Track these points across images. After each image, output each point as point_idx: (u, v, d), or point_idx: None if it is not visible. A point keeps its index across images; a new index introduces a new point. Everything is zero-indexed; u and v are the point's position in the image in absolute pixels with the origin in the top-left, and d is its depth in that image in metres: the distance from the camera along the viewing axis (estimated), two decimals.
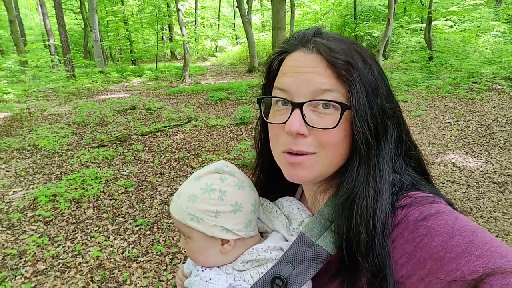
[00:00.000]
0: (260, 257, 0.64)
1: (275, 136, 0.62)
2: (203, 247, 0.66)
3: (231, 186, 0.65)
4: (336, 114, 0.55)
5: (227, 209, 0.64)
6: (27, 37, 22.96)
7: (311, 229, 0.59)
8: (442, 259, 0.45)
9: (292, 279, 0.58)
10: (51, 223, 3.45)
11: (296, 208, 0.68)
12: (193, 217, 0.64)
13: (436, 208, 0.51)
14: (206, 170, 0.67)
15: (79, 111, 8.32)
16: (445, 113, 6.77)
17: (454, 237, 0.46)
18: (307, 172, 0.58)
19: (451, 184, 3.99)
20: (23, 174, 4.81)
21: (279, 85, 0.60)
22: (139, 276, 2.62)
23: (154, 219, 3.49)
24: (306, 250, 0.58)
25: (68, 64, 14.06)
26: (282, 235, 0.67)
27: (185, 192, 0.66)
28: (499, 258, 0.42)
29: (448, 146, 5.18)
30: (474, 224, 0.49)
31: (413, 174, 0.61)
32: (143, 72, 16.15)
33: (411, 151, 0.63)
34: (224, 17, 28.80)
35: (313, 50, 0.58)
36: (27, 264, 2.79)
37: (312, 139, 0.56)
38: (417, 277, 0.47)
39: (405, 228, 0.51)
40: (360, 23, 19.20)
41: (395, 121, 0.61)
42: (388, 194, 0.55)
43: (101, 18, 20.64)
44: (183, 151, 5.61)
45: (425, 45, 12.94)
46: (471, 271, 0.42)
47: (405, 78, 10.08)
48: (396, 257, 0.51)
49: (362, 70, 0.56)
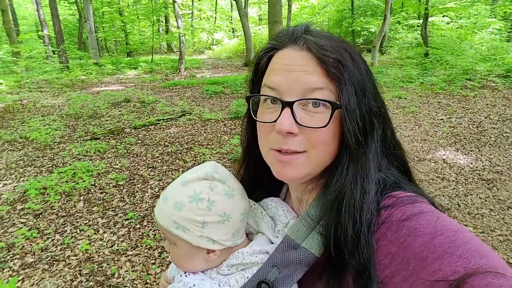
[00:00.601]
0: (245, 261, 0.62)
1: (264, 134, 0.61)
2: (188, 255, 0.64)
3: (220, 195, 0.62)
4: (326, 112, 0.55)
5: (215, 220, 0.61)
6: (20, 27, 22.61)
7: (296, 231, 0.59)
8: (425, 259, 0.45)
9: (278, 283, 0.57)
10: (41, 216, 3.44)
11: (281, 209, 0.67)
12: (179, 226, 0.61)
13: (419, 208, 0.52)
14: (195, 175, 0.63)
15: (72, 103, 8.25)
16: (438, 110, 6.81)
17: (436, 237, 0.46)
18: (297, 171, 0.58)
19: (441, 180, 4.03)
20: (13, 167, 4.78)
21: (268, 83, 0.59)
22: (127, 269, 2.63)
23: (145, 213, 3.50)
24: (292, 253, 0.58)
25: (62, 55, 13.89)
26: (267, 237, 0.66)
27: (172, 198, 0.63)
28: (479, 258, 0.43)
29: (440, 142, 5.22)
30: (455, 223, 0.49)
31: (396, 173, 0.61)
32: (139, 65, 15.99)
33: (395, 150, 0.64)
34: (221, 10, 28.55)
35: (303, 47, 0.58)
36: (15, 257, 2.79)
37: (302, 138, 0.56)
38: (400, 278, 0.47)
39: (388, 229, 0.52)
40: (358, 18, 19.13)
41: (381, 119, 0.61)
42: (373, 192, 0.56)
43: (96, 8, 20.36)
44: (176, 144, 5.60)
45: (421, 41, 12.95)
46: (453, 271, 0.42)
47: (400, 74, 10.09)
48: (379, 258, 0.51)
49: (351, 68, 0.56)
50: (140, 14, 21.92)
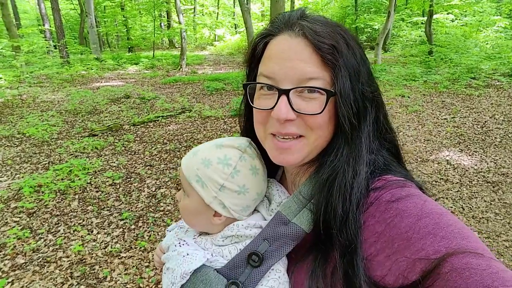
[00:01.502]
0: (239, 233, 0.64)
1: (261, 119, 0.63)
2: (196, 211, 0.66)
3: (246, 168, 0.65)
4: (321, 98, 0.57)
5: (233, 188, 0.64)
6: (22, 21, 22.51)
7: (287, 208, 0.61)
8: (410, 239, 0.47)
9: (268, 255, 0.60)
10: (34, 215, 3.37)
11: (276, 189, 0.70)
12: (199, 180, 0.65)
13: (407, 191, 0.54)
14: (231, 142, 0.67)
15: (72, 98, 8.17)
16: (442, 109, 6.68)
17: (422, 219, 0.48)
18: (295, 156, 0.60)
19: (444, 182, 3.92)
20: (9, 163, 4.71)
21: (264, 72, 0.60)
22: (120, 272, 2.55)
23: (140, 213, 3.42)
24: (282, 228, 0.60)
25: (63, 50, 13.78)
26: (262, 215, 0.69)
27: (202, 154, 0.66)
28: (461, 239, 0.45)
29: (443, 143, 5.11)
30: (441, 207, 0.51)
31: (387, 155, 0.63)
32: (140, 60, 15.88)
33: (387, 133, 0.65)
34: (224, 5, 28.33)
35: (298, 33, 0.58)
36: (5, 257, 2.72)
37: (299, 122, 0.58)
38: (384, 255, 0.49)
39: (377, 209, 0.54)
40: (361, 15, 18.93)
41: (374, 103, 0.63)
42: (364, 173, 0.58)
43: (97, 3, 20.19)
44: (174, 142, 5.52)
45: (425, 39, 12.77)
46: (435, 250, 0.44)
47: (403, 72, 9.95)
48: (366, 236, 0.53)
49: (346, 54, 0.57)
50: (142, 9, 21.74)
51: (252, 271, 0.59)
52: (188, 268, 0.61)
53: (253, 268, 0.60)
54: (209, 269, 0.62)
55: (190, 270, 0.61)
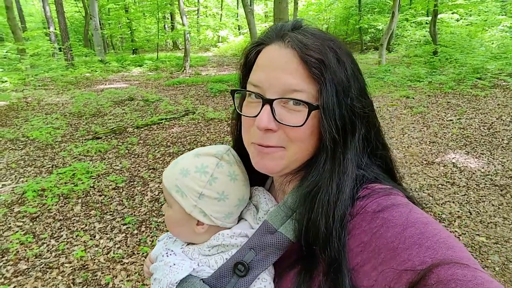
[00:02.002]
0: (225, 243, 0.64)
1: (246, 127, 0.64)
2: (180, 221, 0.67)
3: (224, 174, 0.66)
4: (305, 111, 0.57)
5: (212, 195, 0.65)
6: (28, 24, 22.66)
7: (274, 217, 0.61)
8: (395, 249, 0.47)
9: (254, 264, 0.60)
10: (37, 220, 3.37)
11: (263, 198, 0.70)
12: (179, 190, 0.66)
13: (393, 200, 0.54)
14: (208, 150, 0.68)
15: (76, 101, 8.19)
16: (447, 110, 6.61)
17: (407, 228, 0.48)
18: (275, 163, 0.60)
19: (451, 185, 3.86)
20: (14, 167, 4.72)
21: (252, 80, 0.61)
22: (122, 279, 2.53)
23: (143, 218, 3.40)
24: (269, 237, 0.60)
25: (67, 52, 13.86)
26: (249, 223, 0.69)
27: (180, 164, 0.67)
28: (446, 249, 0.45)
29: (449, 145, 5.04)
30: (427, 216, 0.51)
31: (377, 171, 0.63)
32: (144, 62, 15.94)
33: (378, 150, 0.65)
34: (227, 7, 28.36)
35: (288, 45, 0.58)
36: (8, 263, 2.71)
37: (281, 134, 0.58)
38: (371, 266, 0.49)
39: (363, 219, 0.53)
40: (365, 15, 18.84)
41: (365, 120, 0.62)
42: (349, 189, 0.57)
43: (102, 5, 20.29)
44: (178, 145, 5.50)
45: (429, 39, 12.67)
46: (421, 261, 0.44)
47: (408, 73, 9.86)
48: (352, 246, 0.53)
49: (334, 69, 0.57)
50: (145, 11, 21.81)
51: (238, 280, 0.59)
52: (174, 278, 0.61)
53: (239, 277, 0.59)
54: (195, 279, 0.62)
55: (176, 280, 0.61)
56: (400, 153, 4.85)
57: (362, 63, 14.05)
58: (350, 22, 20.96)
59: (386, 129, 5.90)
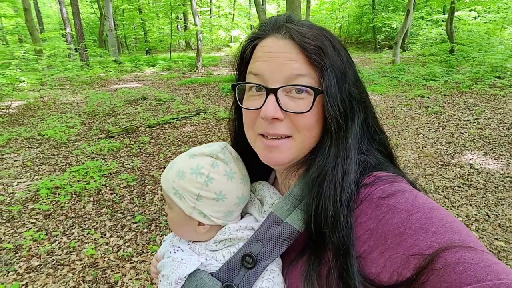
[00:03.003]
0: (232, 236, 0.64)
1: (250, 120, 0.63)
2: (181, 222, 0.67)
3: (220, 174, 0.65)
4: (309, 98, 0.58)
5: (209, 196, 0.64)
6: (45, 25, 23.24)
7: (280, 208, 0.61)
8: (402, 235, 0.47)
9: (261, 256, 0.60)
10: (50, 217, 3.41)
11: (268, 191, 0.70)
12: (176, 192, 0.65)
13: (398, 186, 0.54)
14: (203, 150, 0.67)
15: (90, 100, 8.32)
16: (464, 110, 6.42)
17: (413, 214, 0.48)
18: (284, 155, 0.60)
19: (468, 188, 3.74)
20: (29, 164, 4.82)
21: (253, 70, 0.61)
22: (131, 277, 2.53)
23: (153, 216, 3.41)
24: (275, 228, 0.60)
25: (82, 53, 14.12)
26: (254, 217, 0.69)
27: (176, 166, 0.67)
28: (452, 233, 0.45)
29: (466, 145, 4.89)
30: (432, 201, 0.51)
31: (378, 156, 0.64)
32: (157, 62, 16.11)
33: (376, 135, 0.66)
34: (240, 7, 28.38)
35: (285, 35, 0.60)
36: (21, 259, 2.75)
37: (287, 123, 0.59)
38: (378, 252, 0.49)
39: (368, 206, 0.54)
40: (379, 14, 18.54)
41: (362, 105, 0.64)
42: (353, 173, 0.58)
43: (116, 6, 20.63)
44: (189, 144, 5.51)
45: (446, 37, 12.37)
46: (428, 246, 0.44)
47: (423, 72, 9.65)
48: (359, 233, 0.53)
49: (331, 55, 0.58)
50: (159, 12, 22.04)
51: (247, 273, 0.60)
52: (182, 273, 0.61)
53: (248, 270, 0.60)
54: (204, 273, 0.62)
55: (184, 275, 0.61)
56: (415, 154, 4.73)
57: (375, 62, 13.84)
58: (363, 20, 20.70)
59: (400, 129, 5.77)
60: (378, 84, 8.97)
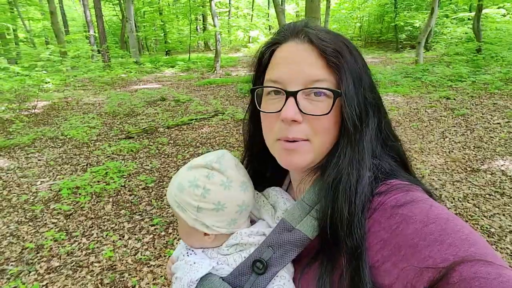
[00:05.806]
0: (243, 241, 0.65)
1: (269, 124, 0.64)
2: (188, 232, 0.69)
3: (216, 184, 0.65)
4: (327, 101, 0.58)
5: (209, 207, 0.64)
6: (70, 28, 23.93)
7: (291, 214, 0.61)
8: (416, 246, 0.46)
9: (272, 262, 0.60)
10: (71, 217, 3.45)
11: (281, 197, 0.70)
12: (178, 206, 0.67)
13: (412, 196, 0.53)
14: (199, 162, 0.67)
15: (111, 101, 8.47)
16: (493, 112, 6.11)
17: (428, 225, 0.47)
18: (303, 158, 0.60)
19: (500, 196, 3.52)
20: (52, 164, 4.92)
21: (272, 77, 0.62)
22: (148, 282, 2.51)
23: (171, 219, 3.39)
24: (286, 235, 0.60)
25: (104, 54, 14.44)
26: (267, 222, 0.69)
27: (177, 180, 0.68)
28: (469, 246, 0.43)
29: (497, 150, 4.63)
30: (447, 212, 0.50)
31: (392, 162, 0.63)
32: (176, 63, 16.29)
33: (389, 141, 0.66)
34: (258, 7, 28.36)
35: (304, 40, 0.61)
36: (42, 259, 2.79)
37: (305, 126, 0.59)
38: (391, 263, 0.48)
39: (381, 215, 0.53)
40: (401, 13, 18.07)
41: (376, 109, 0.64)
42: (367, 177, 0.57)
43: (137, 9, 21.02)
44: (207, 146, 5.50)
45: (472, 36, 11.87)
46: (443, 259, 0.43)
47: (448, 72, 9.29)
48: (372, 243, 0.52)
49: (349, 59, 0.60)
50: (179, 13, 22.32)
51: (257, 278, 0.60)
52: (194, 276, 0.62)
53: (258, 275, 0.60)
54: (215, 277, 0.63)
55: (196, 278, 0.62)
56: (441, 159, 4.52)
57: (397, 62, 13.47)
58: (385, 20, 20.25)
59: (424, 132, 5.55)
60: (401, 85, 8.70)
